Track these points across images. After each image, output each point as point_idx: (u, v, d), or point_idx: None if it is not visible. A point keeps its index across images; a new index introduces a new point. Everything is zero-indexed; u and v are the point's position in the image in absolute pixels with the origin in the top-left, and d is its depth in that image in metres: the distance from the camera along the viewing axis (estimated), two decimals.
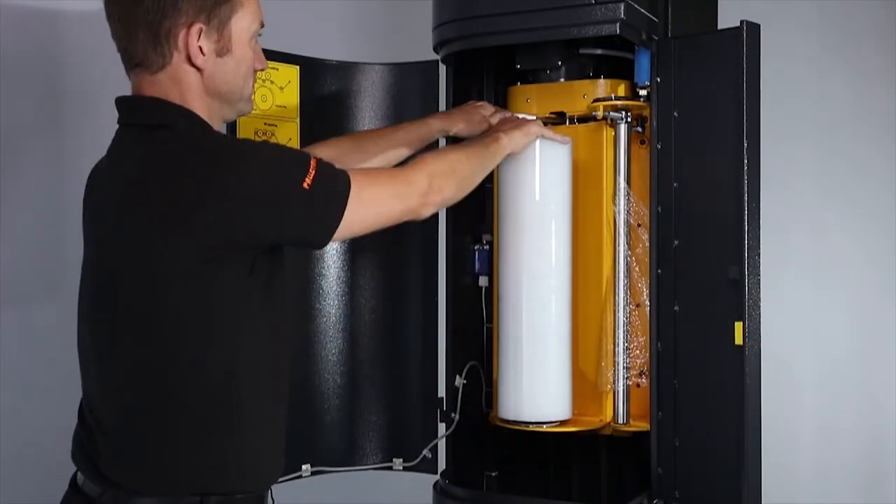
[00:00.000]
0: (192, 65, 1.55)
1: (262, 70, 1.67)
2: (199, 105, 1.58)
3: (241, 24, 1.58)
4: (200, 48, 1.54)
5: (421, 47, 2.14)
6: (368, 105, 2.21)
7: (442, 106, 2.13)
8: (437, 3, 1.99)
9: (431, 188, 1.66)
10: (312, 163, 1.52)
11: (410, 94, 2.21)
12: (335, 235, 1.56)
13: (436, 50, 2.05)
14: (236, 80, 1.60)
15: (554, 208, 1.95)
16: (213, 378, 1.52)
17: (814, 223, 3.04)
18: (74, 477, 1.62)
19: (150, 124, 1.55)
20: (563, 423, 1.96)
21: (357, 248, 2.21)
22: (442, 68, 2.12)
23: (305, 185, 1.49)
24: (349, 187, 1.55)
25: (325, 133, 2.17)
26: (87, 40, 2.46)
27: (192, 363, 1.51)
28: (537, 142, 1.91)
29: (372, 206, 1.59)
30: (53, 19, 2.41)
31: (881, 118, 3.00)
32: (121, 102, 1.61)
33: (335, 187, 1.54)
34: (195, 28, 1.53)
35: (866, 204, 3.02)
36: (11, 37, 2.33)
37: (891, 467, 3.01)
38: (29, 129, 2.38)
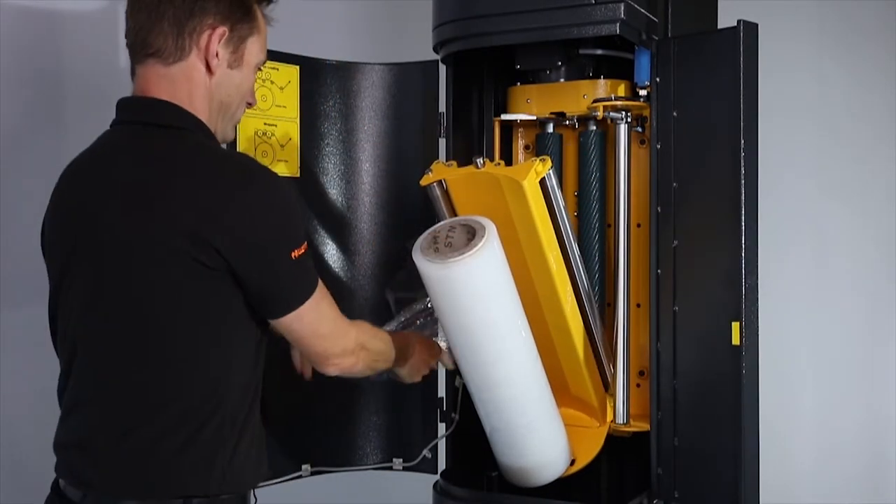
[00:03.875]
0: (207, 66, 1.59)
1: (251, 106, 1.72)
2: (203, 108, 1.60)
3: (253, 49, 1.65)
4: (217, 53, 1.59)
5: (421, 47, 2.14)
6: (368, 105, 2.21)
7: (442, 106, 2.14)
8: (437, 3, 1.99)
9: (353, 354, 1.67)
10: (306, 243, 1.57)
11: (410, 94, 2.21)
12: (282, 321, 1.58)
13: (436, 50, 2.05)
14: (236, 97, 1.65)
15: (499, 315, 1.80)
16: (210, 384, 1.53)
17: (813, 223, 3.04)
18: (56, 481, 1.61)
19: (163, 124, 1.57)
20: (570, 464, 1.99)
21: (357, 247, 2.21)
22: (442, 68, 2.12)
23: (294, 255, 1.54)
24: (315, 287, 1.59)
25: (325, 133, 2.17)
26: (87, 40, 2.46)
27: (185, 370, 1.52)
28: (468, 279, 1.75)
29: (320, 317, 1.61)
30: (53, 19, 2.41)
31: (881, 117, 3.00)
32: (129, 101, 1.62)
33: (310, 275, 1.59)
34: (219, 31, 1.58)
35: (866, 203, 3.02)
36: (11, 37, 2.33)
37: (891, 467, 3.01)
38: (29, 129, 2.38)
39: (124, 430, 1.52)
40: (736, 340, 1.78)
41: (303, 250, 1.55)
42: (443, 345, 1.96)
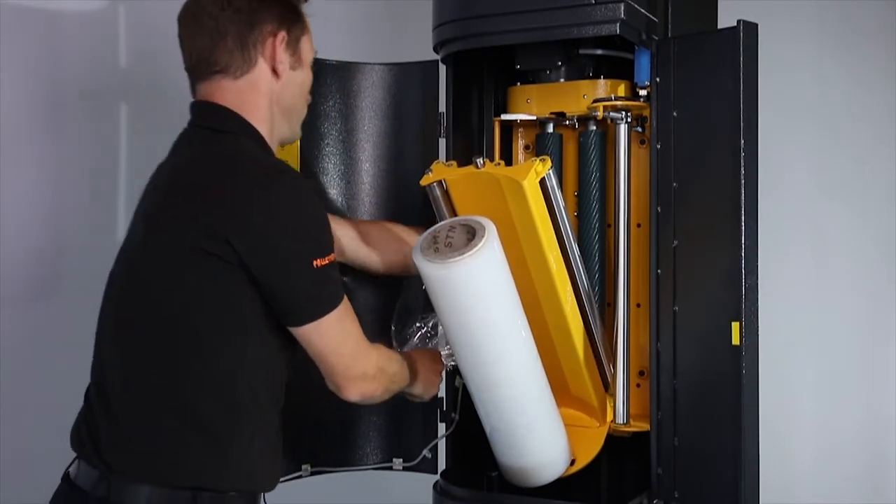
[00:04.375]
0: (274, 71, 1.65)
1: (309, 102, 1.77)
2: (266, 116, 1.66)
3: (306, 47, 1.72)
4: (281, 57, 1.66)
5: (421, 47, 2.14)
6: (368, 105, 2.21)
7: (442, 106, 2.13)
8: (437, 3, 1.99)
9: (374, 380, 1.68)
10: (332, 255, 1.58)
11: (410, 94, 2.20)
12: (301, 332, 1.59)
13: (436, 50, 2.05)
14: (300, 98, 1.72)
15: (499, 315, 1.79)
16: (221, 380, 1.57)
17: (813, 223, 3.04)
18: (67, 472, 1.64)
19: (221, 129, 1.63)
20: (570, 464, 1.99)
21: None
22: (442, 68, 2.12)
23: (315, 264, 1.54)
24: (339, 302, 1.60)
25: (325, 133, 2.17)
26: (87, 40, 2.46)
27: (204, 364, 1.56)
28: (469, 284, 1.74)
29: (343, 334, 1.62)
30: (53, 19, 2.41)
31: (881, 117, 3.00)
32: (196, 105, 1.68)
33: (333, 288, 1.60)
34: (280, 36, 1.65)
35: (866, 203, 3.02)
36: (11, 37, 2.33)
37: (891, 467, 3.01)
38: (28, 129, 2.38)
39: (140, 425, 1.56)
40: (736, 340, 1.78)
41: (327, 261, 1.56)
42: (443, 353, 1.97)
